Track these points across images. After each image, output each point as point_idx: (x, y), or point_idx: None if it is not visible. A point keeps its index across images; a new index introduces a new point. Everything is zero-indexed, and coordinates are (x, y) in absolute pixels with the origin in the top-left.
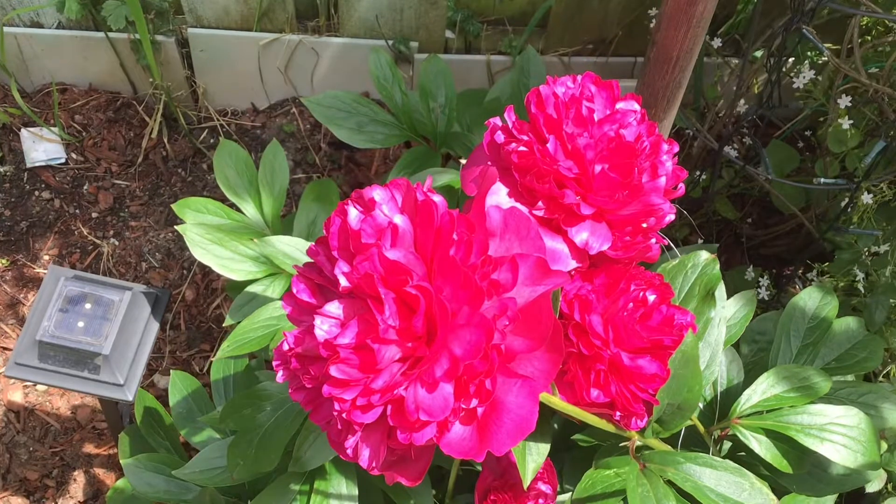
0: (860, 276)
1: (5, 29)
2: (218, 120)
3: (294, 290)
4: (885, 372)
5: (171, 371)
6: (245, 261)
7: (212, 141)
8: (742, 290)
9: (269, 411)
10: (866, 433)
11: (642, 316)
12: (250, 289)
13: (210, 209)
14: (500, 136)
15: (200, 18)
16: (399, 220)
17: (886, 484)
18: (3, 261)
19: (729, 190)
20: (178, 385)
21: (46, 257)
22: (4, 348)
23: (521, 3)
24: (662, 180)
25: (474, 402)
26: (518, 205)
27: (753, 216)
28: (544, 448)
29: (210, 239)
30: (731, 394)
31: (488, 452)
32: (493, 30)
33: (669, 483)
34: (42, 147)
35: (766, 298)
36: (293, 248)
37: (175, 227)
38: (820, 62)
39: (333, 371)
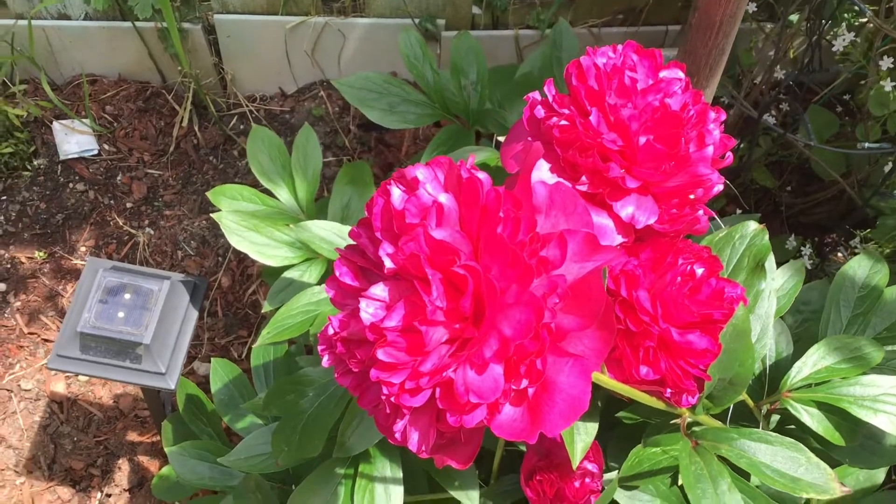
0: None
1: (33, 22)
2: (247, 106)
3: (337, 274)
4: None
5: (211, 358)
6: (281, 246)
7: (241, 127)
8: (782, 259)
9: (312, 397)
10: None
11: (691, 290)
12: (287, 274)
13: (245, 196)
14: (540, 111)
15: (226, 4)
16: (444, 198)
17: None
18: (41, 253)
19: (767, 158)
20: (219, 372)
21: (83, 249)
22: (46, 340)
23: None
24: (710, 150)
25: (524, 383)
26: (561, 180)
27: (793, 184)
28: (592, 427)
29: (246, 226)
30: (781, 367)
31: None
32: (520, 4)
33: (723, 460)
34: (74, 139)
35: (809, 268)
36: (330, 233)
37: (210, 214)
38: (858, 23)
39: (381, 355)
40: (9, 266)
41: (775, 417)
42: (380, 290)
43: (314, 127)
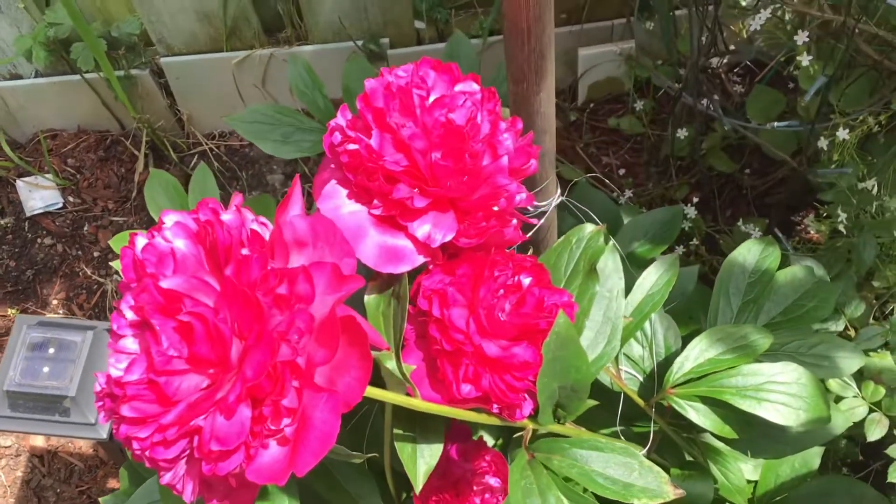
0: (842, 216)
1: None
2: (206, 144)
3: (114, 327)
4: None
5: None
6: None
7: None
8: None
9: None
10: (808, 388)
11: (518, 301)
12: None
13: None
14: (337, 137)
15: (170, 47)
16: (180, 244)
17: (891, 429)
18: (14, 310)
19: (724, 142)
20: None
21: (55, 301)
22: None
23: None
24: (504, 160)
25: (282, 423)
26: (357, 206)
27: (753, 166)
28: (437, 449)
29: None
30: (669, 362)
31: None
32: (464, 14)
33: (553, 472)
34: (39, 195)
35: (791, 251)
36: None
37: (111, 263)
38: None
39: (125, 411)
40: None
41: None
42: (130, 342)
43: (274, 159)
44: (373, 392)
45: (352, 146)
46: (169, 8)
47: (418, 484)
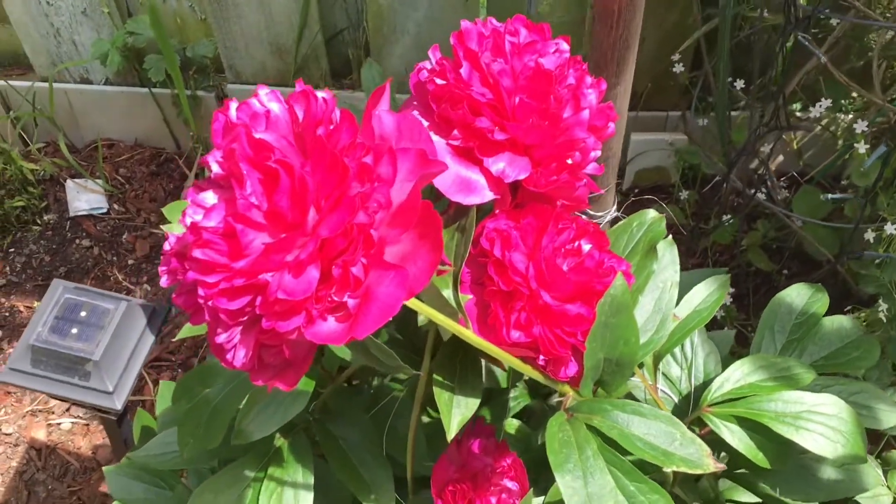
0: (883, 307)
1: (56, 85)
2: None
3: (187, 199)
4: None
5: (159, 381)
6: None
7: None
8: None
9: (219, 387)
10: (848, 424)
11: (573, 261)
12: None
13: None
14: (423, 74)
15: (239, 74)
16: (275, 106)
17: None
18: (39, 303)
19: (763, 240)
20: (165, 395)
21: None
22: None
23: None
24: (585, 113)
25: (346, 296)
26: (436, 137)
27: (792, 268)
28: (473, 403)
29: None
30: (707, 387)
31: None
32: None
33: (594, 430)
34: (85, 197)
35: None
36: None
37: (164, 227)
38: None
39: (197, 254)
40: (7, 314)
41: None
42: (209, 196)
43: None
44: (427, 310)
45: (439, 80)
46: (246, 37)
47: (451, 431)
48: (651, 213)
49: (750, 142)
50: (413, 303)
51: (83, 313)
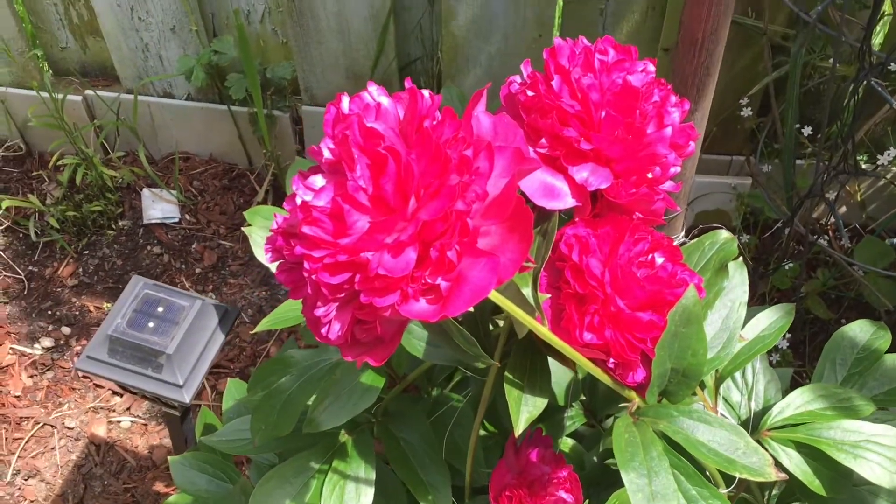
0: None
1: (140, 97)
2: None
3: (293, 188)
4: None
5: (228, 379)
6: None
7: None
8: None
9: (294, 377)
10: None
11: (647, 271)
12: None
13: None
14: (514, 86)
15: (314, 97)
16: (385, 100)
17: None
18: (109, 305)
19: (822, 288)
20: (232, 392)
21: None
22: (97, 385)
23: None
24: (668, 130)
25: (438, 279)
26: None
27: (849, 318)
28: (541, 402)
29: None
30: (766, 412)
31: (508, 446)
32: None
33: (659, 434)
34: (160, 206)
35: None
36: None
37: (244, 229)
38: None
39: (305, 229)
40: (77, 313)
41: None
42: (318, 179)
43: None
44: (507, 305)
45: (530, 91)
46: (324, 62)
47: (519, 427)
48: (724, 233)
49: (817, 186)
50: (495, 296)
51: (160, 309)
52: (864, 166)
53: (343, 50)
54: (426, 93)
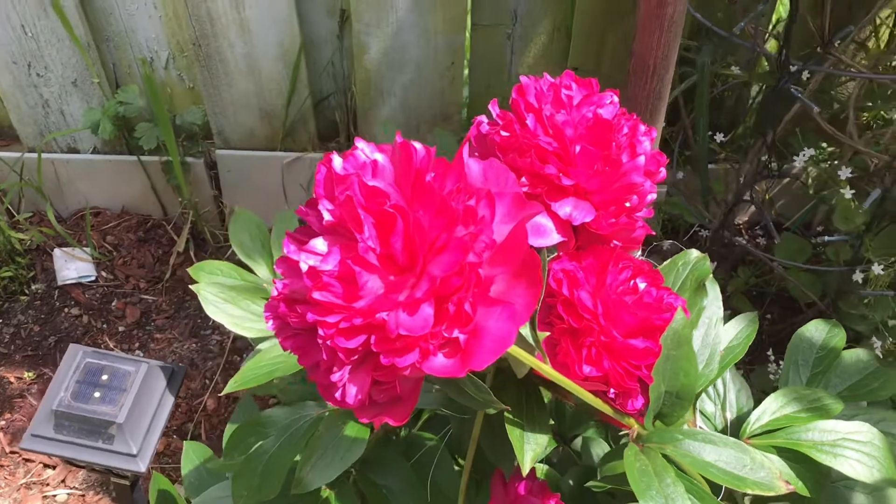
0: (878, 344)
1: (44, 155)
2: None
3: (284, 251)
4: None
5: (184, 441)
6: (258, 320)
7: (237, 259)
8: (767, 388)
9: (274, 437)
10: (881, 449)
11: (633, 298)
12: (261, 346)
13: (224, 271)
14: (484, 127)
15: (228, 141)
16: (379, 157)
17: None
18: (30, 374)
19: (745, 286)
20: (190, 455)
21: None
22: (27, 460)
23: None
24: (641, 159)
25: (456, 332)
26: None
27: (774, 314)
28: (542, 439)
29: (223, 298)
30: (741, 421)
31: (495, 484)
32: None
33: (667, 459)
34: (74, 266)
35: None
36: None
37: (193, 287)
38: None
39: (317, 295)
40: None
41: None
42: (319, 242)
43: None
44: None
45: (505, 133)
46: (235, 104)
47: (526, 466)
48: (695, 253)
49: (742, 190)
50: None
51: (104, 377)
52: (772, 166)
53: (255, 91)
54: (418, 146)
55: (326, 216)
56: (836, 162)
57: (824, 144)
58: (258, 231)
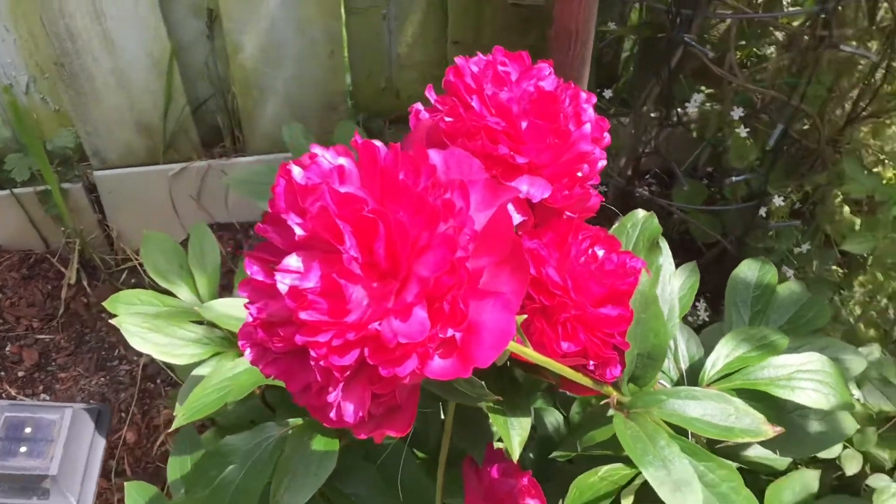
0: (790, 272)
1: None
2: (136, 259)
3: (248, 273)
4: None
5: (124, 482)
6: (187, 345)
7: (133, 281)
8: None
9: (237, 466)
10: (832, 375)
11: (596, 266)
12: (197, 371)
13: (143, 299)
14: (425, 115)
15: (105, 160)
16: (343, 161)
17: (865, 466)
18: None
19: None
20: (134, 496)
21: None
22: None
23: (417, 98)
24: (587, 127)
25: (450, 331)
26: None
27: (679, 258)
28: (526, 422)
29: (148, 327)
30: (696, 368)
31: (467, 471)
32: (394, 127)
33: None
34: None
35: (707, 321)
36: (238, 308)
37: (113, 321)
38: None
39: (304, 316)
40: None
41: None
42: (293, 260)
43: None
44: None
45: (449, 118)
46: (107, 120)
47: (515, 452)
48: (641, 213)
49: (637, 143)
50: None
51: (28, 429)
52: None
53: (128, 105)
54: (379, 144)
55: (298, 231)
56: (715, 105)
57: (703, 87)
58: (173, 252)
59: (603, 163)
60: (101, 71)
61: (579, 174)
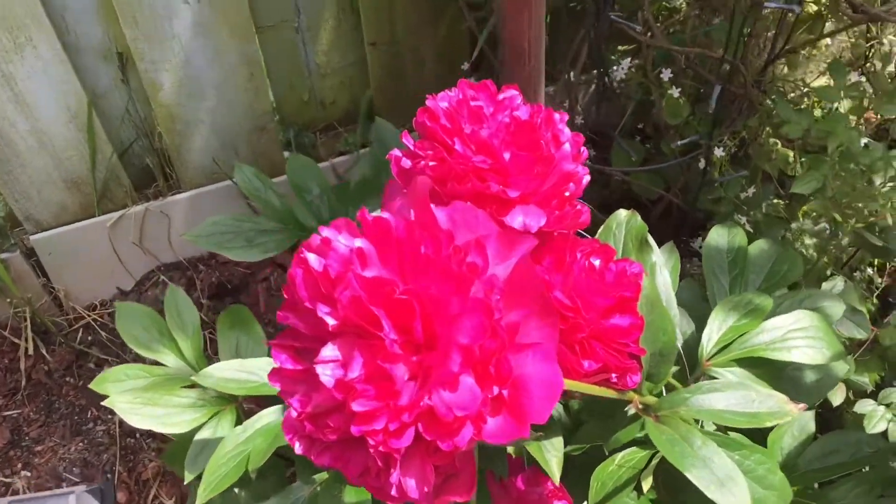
0: (742, 220)
1: None
2: (89, 316)
3: (277, 364)
4: None
5: None
6: (184, 411)
7: (90, 338)
8: None
9: None
10: (821, 329)
11: (598, 279)
12: (200, 436)
13: (130, 374)
14: (406, 162)
15: (40, 223)
16: (360, 242)
17: (848, 393)
18: None
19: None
20: None
21: None
22: None
23: (343, 104)
24: (567, 147)
25: (496, 389)
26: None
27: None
28: (559, 442)
29: (142, 402)
30: (691, 345)
31: (491, 485)
32: (325, 136)
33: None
34: None
35: None
36: (233, 371)
37: (105, 402)
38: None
39: (356, 407)
40: None
41: None
42: (329, 350)
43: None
44: None
45: (432, 163)
46: (35, 182)
47: (556, 474)
48: (623, 213)
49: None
50: None
51: None
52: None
53: (54, 163)
54: (387, 216)
55: (330, 321)
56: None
57: (620, 47)
58: (151, 320)
59: (587, 178)
60: (19, 135)
61: (567, 193)
